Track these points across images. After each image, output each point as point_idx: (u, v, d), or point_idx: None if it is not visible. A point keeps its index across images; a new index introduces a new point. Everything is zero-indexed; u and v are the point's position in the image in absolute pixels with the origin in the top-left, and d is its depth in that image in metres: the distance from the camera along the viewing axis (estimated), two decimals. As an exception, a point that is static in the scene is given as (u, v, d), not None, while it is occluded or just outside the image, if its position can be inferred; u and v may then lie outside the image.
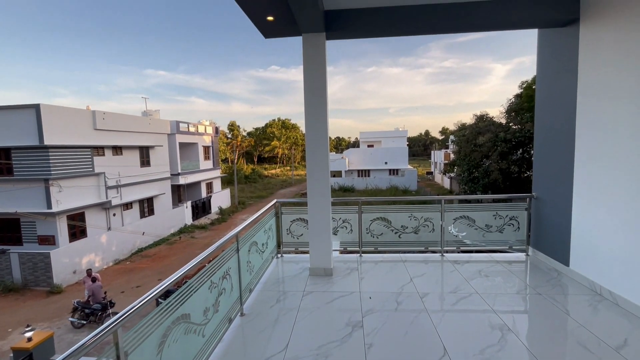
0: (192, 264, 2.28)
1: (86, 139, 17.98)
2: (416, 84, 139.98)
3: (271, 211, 4.58)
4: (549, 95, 4.23)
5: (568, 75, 3.82)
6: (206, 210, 29.34)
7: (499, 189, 25.75)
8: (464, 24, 3.88)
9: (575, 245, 3.76)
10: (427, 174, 59.85)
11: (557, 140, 4.06)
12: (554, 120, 4.11)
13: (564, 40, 3.91)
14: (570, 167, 3.78)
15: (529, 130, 23.62)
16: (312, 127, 3.95)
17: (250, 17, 3.91)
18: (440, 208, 4.66)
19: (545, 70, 4.31)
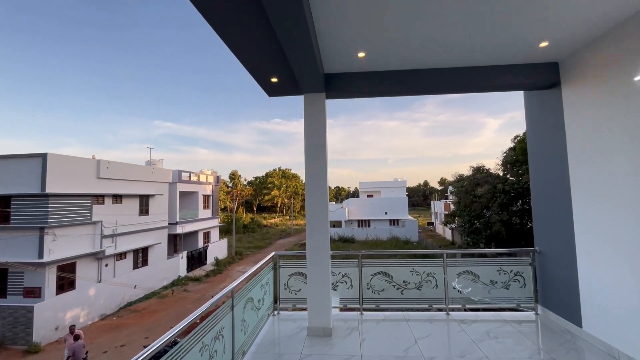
0: (182, 325, 2.17)
1: (88, 187, 18.14)
2: (413, 136, 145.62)
3: (269, 264, 4.46)
4: (540, 150, 4.39)
5: (556, 132, 4.00)
6: (202, 261, 28.46)
7: (502, 241, 25.32)
8: (453, 86, 4.18)
9: (586, 304, 3.59)
10: (428, 225, 59.23)
11: (553, 194, 4.11)
12: (548, 174, 4.21)
13: (548, 101, 4.18)
14: (570, 221, 3.78)
15: (526, 182, 24.00)
16: (312, 181, 4.02)
17: (256, 78, 4.22)
18: (442, 262, 4.54)
19: (535, 128, 4.53)
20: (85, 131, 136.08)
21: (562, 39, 3.45)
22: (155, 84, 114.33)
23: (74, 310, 16.32)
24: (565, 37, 3.41)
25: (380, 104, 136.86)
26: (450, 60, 3.97)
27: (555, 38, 3.43)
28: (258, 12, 2.74)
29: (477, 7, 2.87)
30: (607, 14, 3.03)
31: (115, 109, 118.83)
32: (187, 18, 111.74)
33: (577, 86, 3.74)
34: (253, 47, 3.39)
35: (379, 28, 3.18)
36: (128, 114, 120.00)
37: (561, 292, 3.99)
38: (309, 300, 3.95)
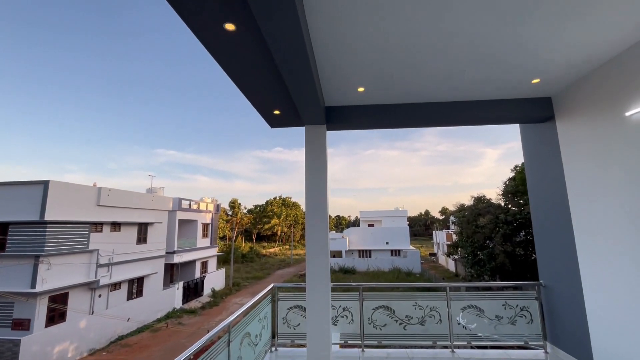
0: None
1: (87, 215, 18.06)
2: (413, 165, 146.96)
3: (267, 296, 4.34)
4: (539, 183, 4.42)
5: (554, 165, 4.06)
6: (198, 292, 27.63)
7: (507, 273, 24.69)
8: (450, 119, 4.30)
9: (597, 342, 3.44)
10: (431, 255, 58.09)
11: (555, 228, 4.08)
12: (549, 207, 4.21)
13: (544, 134, 4.27)
14: (573, 255, 3.72)
15: (528, 213, 23.84)
16: (313, 212, 4.02)
17: (259, 111, 4.36)
18: (446, 296, 4.41)
19: (533, 160, 4.59)
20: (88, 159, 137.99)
21: (553, 75, 3.60)
22: (160, 113, 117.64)
23: (62, 344, 15.62)
24: (556, 74, 3.56)
25: (380, 134, 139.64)
26: (446, 95, 4.11)
27: (547, 75, 3.59)
28: (263, 50, 2.89)
29: (471, 45, 3.03)
30: (594, 54, 3.19)
31: (119, 137, 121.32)
32: (191, 51, 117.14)
33: (571, 120, 3.85)
34: (257, 83, 3.54)
35: (377, 65, 3.34)
36: (132, 142, 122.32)
37: (570, 329, 3.84)
38: (308, 336, 3.80)
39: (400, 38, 2.89)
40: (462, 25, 2.72)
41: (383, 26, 2.74)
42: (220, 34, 2.65)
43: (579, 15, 2.61)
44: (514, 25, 2.73)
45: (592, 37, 2.92)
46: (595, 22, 2.71)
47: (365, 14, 2.58)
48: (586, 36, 2.90)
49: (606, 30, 2.83)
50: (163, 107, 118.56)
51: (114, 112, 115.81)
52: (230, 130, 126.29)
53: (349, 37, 2.88)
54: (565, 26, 2.75)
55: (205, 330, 19.40)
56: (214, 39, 2.71)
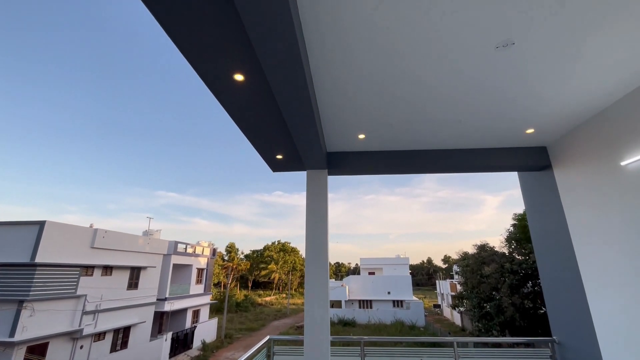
0: None
1: (80, 257, 17.54)
2: (414, 211, 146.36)
3: (263, 350, 4.04)
4: (543, 232, 4.36)
5: (555, 212, 4.04)
6: (187, 345, 25.75)
7: (517, 328, 23.23)
8: (449, 166, 4.38)
9: (623, 410, 3.12)
10: (434, 307, 55.20)
11: (563, 279, 3.94)
12: (554, 256, 4.11)
13: (543, 181, 4.32)
14: (586, 309, 3.54)
15: (534, 262, 23.15)
16: (312, 258, 3.92)
17: (262, 155, 4.46)
18: (453, 352, 4.10)
19: (533, 208, 4.59)
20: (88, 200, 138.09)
21: (546, 126, 3.75)
22: (163, 155, 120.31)
23: (33, 404, 14.17)
24: (550, 124, 3.71)
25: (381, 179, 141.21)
26: (445, 142, 4.24)
27: (540, 125, 3.73)
28: (268, 98, 3.05)
29: (466, 95, 3.19)
30: (588, 103, 3.34)
31: (120, 179, 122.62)
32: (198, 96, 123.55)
33: (568, 168, 3.91)
34: (262, 128, 3.67)
35: (378, 114, 3.49)
36: (133, 184, 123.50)
37: (592, 394, 3.51)
38: (305, 397, 3.46)
39: (398, 87, 3.06)
40: (461, 73, 2.90)
41: (381, 73, 2.92)
42: (229, 84, 2.82)
43: (573, 66, 2.77)
44: (508, 78, 2.91)
45: (586, 87, 3.09)
46: (589, 72, 2.88)
47: (365, 60, 2.77)
48: (580, 86, 3.07)
49: (600, 80, 3.00)
50: (166, 149, 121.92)
51: (116, 153, 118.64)
52: (231, 174, 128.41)
53: (349, 84, 3.06)
54: (558, 77, 2.92)
55: (192, 389, 17.70)
56: (224, 88, 2.87)
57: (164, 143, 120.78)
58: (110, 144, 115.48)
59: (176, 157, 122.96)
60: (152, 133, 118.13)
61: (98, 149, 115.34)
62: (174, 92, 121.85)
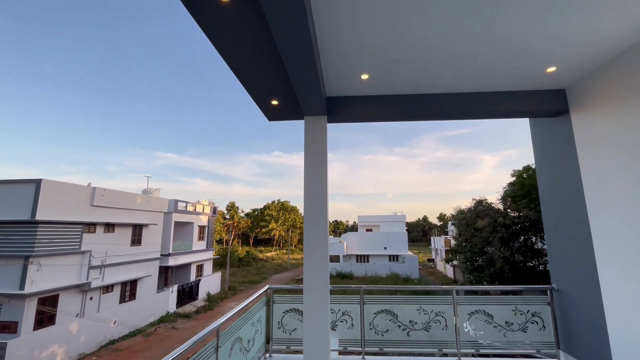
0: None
1: (80, 215, 17.68)
2: (412, 171, 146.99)
3: (262, 299, 4.06)
4: (552, 182, 4.18)
5: (568, 160, 3.82)
6: (193, 296, 27.13)
7: (505, 279, 24.38)
8: (459, 112, 4.07)
9: (618, 351, 3.18)
10: (429, 261, 57.74)
11: (569, 227, 3.83)
12: (563, 206, 3.96)
13: (557, 129, 4.04)
14: (591, 258, 3.46)
15: (527, 217, 23.63)
16: (312, 208, 3.76)
17: (256, 101, 4.12)
18: (452, 300, 4.14)
19: (543, 158, 4.36)
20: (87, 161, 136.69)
21: (569, 64, 3.38)
22: (160, 115, 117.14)
23: (51, 347, 15.14)
24: (573, 62, 3.34)
25: (379, 139, 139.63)
26: (455, 86, 3.89)
27: (563, 63, 3.37)
28: (260, 28, 2.66)
29: (484, 30, 2.80)
30: (613, 39, 2.97)
31: (119, 140, 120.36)
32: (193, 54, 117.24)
33: (587, 114, 3.62)
34: (254, 67, 3.30)
35: (384, 49, 3.11)
36: (132, 144, 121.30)
37: (587, 337, 3.57)
38: (305, 343, 3.51)
39: (409, 16, 2.66)
40: (480, 7, 2.50)
41: (391, 5, 2.51)
42: (213, 7, 2.41)
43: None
44: (535, 7, 2.51)
45: (616, 20, 2.70)
46: (619, 3, 2.50)
47: (373, -15, 2.35)
48: (609, 19, 2.68)
49: (630, 13, 2.61)
50: (163, 110, 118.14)
51: (114, 114, 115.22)
52: (230, 135, 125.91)
53: (352, 13, 2.65)
54: (586, 8, 2.53)
55: (199, 335, 18.96)
56: (207, 11, 2.47)
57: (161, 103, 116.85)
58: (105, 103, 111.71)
59: (174, 118, 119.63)
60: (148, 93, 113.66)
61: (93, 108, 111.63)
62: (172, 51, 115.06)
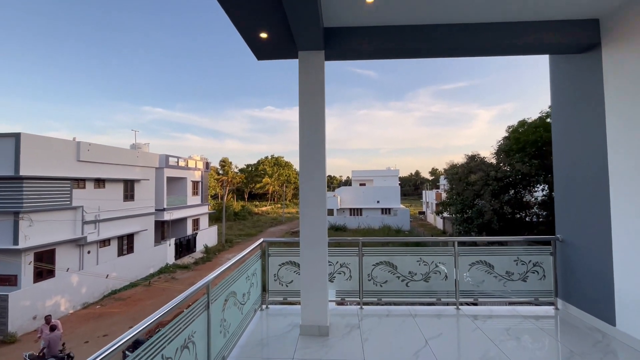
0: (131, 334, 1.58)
1: (67, 170, 17.14)
2: (406, 126, 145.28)
3: (257, 252, 3.88)
4: (569, 126, 3.84)
5: (593, 103, 3.45)
6: (190, 249, 27.81)
7: (493, 230, 25.28)
8: (473, 47, 3.56)
9: (623, 299, 3.12)
10: (420, 214, 59.50)
11: (584, 176, 3.58)
12: (579, 153, 3.68)
13: (584, 66, 3.60)
14: (605, 209, 3.26)
15: (519, 171, 23.83)
16: (308, 155, 3.41)
17: (243, 34, 3.53)
18: (453, 251, 4.02)
19: (563, 99, 3.97)
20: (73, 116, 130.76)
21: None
22: (146, 69, 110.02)
23: (54, 298, 15.60)
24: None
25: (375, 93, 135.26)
26: (471, 14, 3.35)
27: (605, -17, 2.84)
28: None
29: None
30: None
31: (105, 94, 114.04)
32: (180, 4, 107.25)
33: (622, 49, 3.17)
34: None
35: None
36: (118, 99, 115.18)
37: (589, 286, 3.51)
38: (302, 294, 3.39)
39: None
40: None
41: None
42: None
43: None
44: None
45: None
46: None
47: None
48: None
49: None
50: (151, 62, 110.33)
51: (98, 67, 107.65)
52: (220, 89, 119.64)
53: None
54: None
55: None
56: None
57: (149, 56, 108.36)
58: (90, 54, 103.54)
59: (162, 71, 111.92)
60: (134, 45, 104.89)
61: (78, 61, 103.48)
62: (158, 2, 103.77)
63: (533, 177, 23.59)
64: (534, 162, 23.22)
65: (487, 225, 25.30)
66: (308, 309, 3.37)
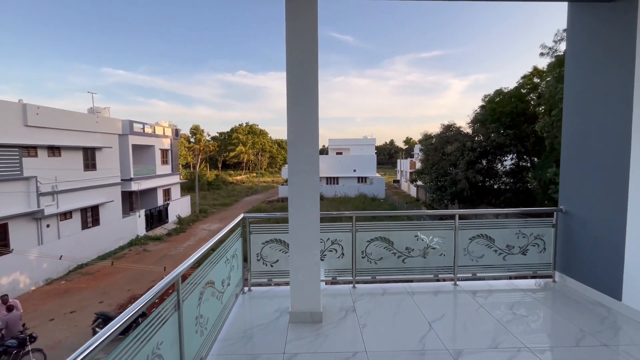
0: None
1: (12, 137, 15.24)
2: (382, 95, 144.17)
3: (236, 230, 3.35)
4: (586, 87, 3.47)
5: (619, 62, 3.06)
6: (162, 220, 26.73)
7: (465, 198, 26.20)
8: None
9: (632, 274, 2.95)
10: (394, 182, 60.79)
11: (601, 144, 3.27)
12: (596, 119, 3.34)
13: (613, 16, 3.16)
14: (624, 177, 2.99)
15: (494, 141, 24.34)
16: (297, 111, 2.83)
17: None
18: (454, 225, 3.71)
19: (581, 55, 3.56)
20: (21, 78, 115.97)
21: None
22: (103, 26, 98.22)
23: (12, 275, 14.45)
24: None
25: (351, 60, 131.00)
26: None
27: None
28: None
29: None
30: None
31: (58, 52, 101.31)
32: None
33: (660, -7, 2.73)
34: None
35: None
36: (73, 58, 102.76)
37: (593, 260, 3.35)
38: (291, 276, 2.96)
39: None
40: None
41: None
42: None
43: None
44: None
45: None
46: None
47: None
48: None
49: None
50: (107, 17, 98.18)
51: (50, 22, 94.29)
52: (187, 51, 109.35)
53: None
54: None
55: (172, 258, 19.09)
56: None
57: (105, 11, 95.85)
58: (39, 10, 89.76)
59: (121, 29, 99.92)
60: None
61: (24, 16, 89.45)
62: None
63: (507, 147, 24.23)
64: (508, 133, 23.72)
65: (460, 193, 26.16)
66: (298, 293, 2.96)
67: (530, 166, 25.44)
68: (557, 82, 15.86)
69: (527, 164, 25.96)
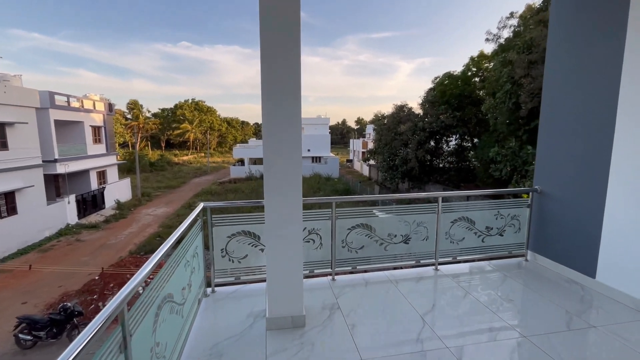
0: None
1: None
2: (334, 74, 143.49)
3: (196, 223, 2.76)
4: (570, 69, 3.37)
5: (607, 37, 2.96)
6: (98, 205, 23.93)
7: (414, 177, 27.51)
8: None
9: (608, 253, 3.01)
10: (347, 162, 61.82)
11: (583, 125, 3.23)
12: (579, 99, 3.27)
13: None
14: (605, 158, 2.97)
15: (442, 122, 25.54)
16: (275, 80, 2.28)
17: None
18: (436, 208, 3.51)
19: (565, 36, 3.44)
20: None
21: None
22: None
23: None
24: None
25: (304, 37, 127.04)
26: None
27: None
28: None
29: None
30: None
31: None
32: None
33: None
34: None
35: None
36: None
37: (567, 239, 3.39)
38: (269, 275, 2.50)
39: None
40: None
41: None
42: None
43: None
44: None
45: None
46: None
47: None
48: None
49: None
50: None
51: None
52: (120, 14, 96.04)
53: None
54: None
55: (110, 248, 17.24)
56: None
57: None
58: None
59: None
60: None
61: None
62: None
63: (454, 128, 25.61)
64: (456, 114, 25.01)
65: (410, 172, 27.37)
66: (277, 294, 2.52)
67: (472, 146, 27.39)
68: (502, 66, 16.81)
69: (468, 144, 27.88)
